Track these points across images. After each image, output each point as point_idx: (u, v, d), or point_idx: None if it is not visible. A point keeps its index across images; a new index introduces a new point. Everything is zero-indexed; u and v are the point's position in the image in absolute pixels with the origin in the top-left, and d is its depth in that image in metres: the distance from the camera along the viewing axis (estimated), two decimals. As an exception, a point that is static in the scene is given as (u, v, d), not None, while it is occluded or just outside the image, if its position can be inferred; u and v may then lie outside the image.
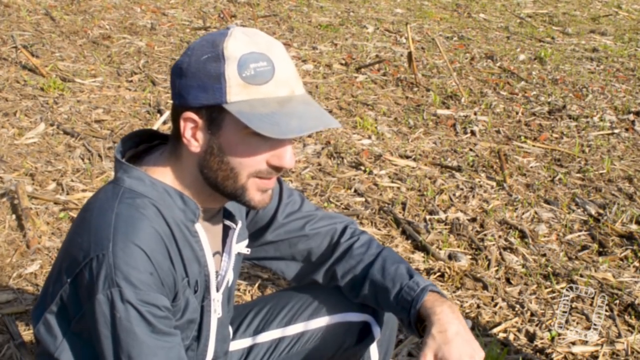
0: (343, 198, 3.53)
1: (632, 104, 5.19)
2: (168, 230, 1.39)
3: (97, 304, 1.31)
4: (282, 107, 1.33)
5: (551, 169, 4.02)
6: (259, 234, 1.73)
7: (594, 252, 3.18)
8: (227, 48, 1.32)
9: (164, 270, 1.36)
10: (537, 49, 6.50)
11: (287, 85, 1.35)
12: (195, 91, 1.33)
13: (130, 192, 1.38)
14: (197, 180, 1.42)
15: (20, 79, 4.76)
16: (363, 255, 1.72)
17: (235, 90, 1.31)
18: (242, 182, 1.40)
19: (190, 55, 1.35)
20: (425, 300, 1.59)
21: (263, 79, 1.32)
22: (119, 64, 5.25)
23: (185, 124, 1.36)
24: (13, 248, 2.93)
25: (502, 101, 5.11)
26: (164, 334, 1.35)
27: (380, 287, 1.68)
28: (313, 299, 1.80)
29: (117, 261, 1.30)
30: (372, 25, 6.96)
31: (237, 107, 1.31)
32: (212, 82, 1.32)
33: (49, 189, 3.42)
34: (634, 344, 2.58)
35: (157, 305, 1.34)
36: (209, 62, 1.32)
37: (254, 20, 6.61)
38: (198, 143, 1.37)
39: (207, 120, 1.35)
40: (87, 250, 1.32)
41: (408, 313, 1.61)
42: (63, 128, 4.08)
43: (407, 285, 1.63)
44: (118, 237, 1.32)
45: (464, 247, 3.16)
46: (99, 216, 1.36)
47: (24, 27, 5.93)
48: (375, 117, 4.65)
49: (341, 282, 1.75)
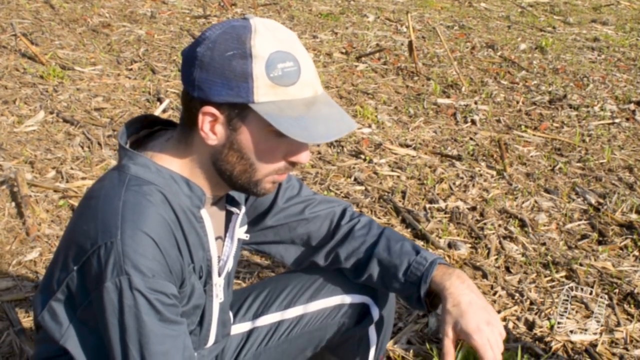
0: (343, 187, 3.52)
1: (633, 93, 5.17)
2: (174, 217, 1.38)
3: (105, 292, 1.31)
4: (309, 110, 1.34)
5: (551, 158, 4.02)
6: (259, 219, 1.73)
7: (593, 241, 3.18)
8: (255, 46, 1.30)
9: (171, 258, 1.36)
10: (538, 39, 6.48)
11: (311, 86, 1.36)
12: (218, 87, 1.31)
13: (136, 179, 1.38)
14: (208, 169, 1.42)
15: (20, 67, 4.75)
16: (366, 236, 1.74)
17: (263, 91, 1.31)
18: (259, 177, 1.41)
19: (212, 48, 1.32)
20: (434, 274, 1.63)
21: (290, 81, 1.32)
22: (119, 52, 5.24)
23: (204, 118, 1.35)
24: (13, 235, 2.93)
25: (502, 90, 5.10)
26: (171, 322, 1.35)
27: (387, 265, 1.70)
28: (312, 281, 1.81)
29: (125, 249, 1.29)
30: (372, 14, 6.94)
31: (265, 109, 1.31)
32: (239, 80, 1.30)
33: (48, 176, 3.42)
34: (633, 332, 2.58)
35: (166, 293, 1.34)
36: (234, 58, 1.30)
37: (254, 9, 6.59)
38: (216, 137, 1.37)
39: (228, 116, 1.34)
40: (95, 238, 1.32)
41: (418, 288, 1.64)
42: (63, 116, 4.07)
43: (415, 261, 1.66)
44: (126, 225, 1.31)
45: (464, 236, 3.16)
46: (106, 204, 1.35)
47: (24, 15, 5.91)
48: (376, 106, 4.64)
49: (345, 264, 1.76)
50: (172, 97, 4.47)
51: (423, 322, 2.55)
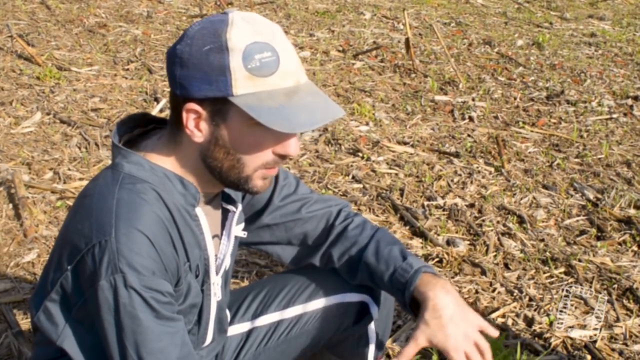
0: (341, 185, 3.52)
1: (631, 88, 5.17)
2: (169, 214, 1.38)
3: (100, 291, 1.30)
4: (290, 99, 1.32)
5: (549, 154, 4.02)
6: (256, 217, 1.73)
7: (592, 236, 3.18)
8: (231, 39, 1.29)
9: (166, 256, 1.36)
10: (535, 34, 6.48)
11: (292, 75, 1.34)
12: (198, 83, 1.31)
13: (130, 177, 1.37)
14: (198, 167, 1.42)
15: (16, 68, 4.74)
16: (357, 237, 1.73)
17: (242, 83, 1.30)
18: (248, 172, 1.40)
19: (190, 44, 1.32)
20: (418, 282, 1.60)
21: (269, 71, 1.31)
22: (115, 52, 5.23)
23: (187, 115, 1.35)
24: (10, 237, 2.93)
25: (500, 87, 5.09)
26: (167, 319, 1.35)
27: (374, 269, 1.69)
28: (310, 281, 1.80)
29: (120, 247, 1.29)
30: (369, 11, 6.93)
31: (244, 100, 1.30)
32: (217, 74, 1.30)
33: (45, 178, 3.41)
34: (632, 327, 2.58)
35: (161, 291, 1.34)
36: (211, 53, 1.30)
37: (250, 8, 6.58)
38: (201, 133, 1.36)
39: (211, 111, 1.34)
40: (89, 237, 1.31)
41: (403, 294, 1.62)
42: (59, 117, 4.06)
43: (401, 267, 1.64)
44: (120, 223, 1.31)
45: (462, 233, 3.16)
46: (100, 202, 1.35)
47: (20, 16, 5.89)
48: (373, 103, 4.63)
49: (338, 265, 1.75)
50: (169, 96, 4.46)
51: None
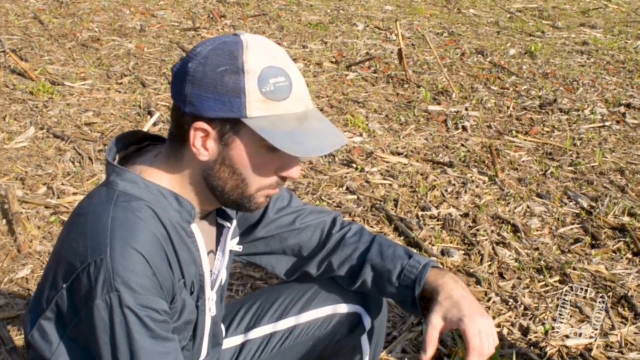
0: (335, 196, 3.52)
1: (623, 96, 5.19)
2: (165, 232, 1.38)
3: (95, 310, 1.30)
4: (301, 124, 1.35)
5: (543, 163, 4.02)
6: (250, 231, 1.73)
7: (586, 245, 3.19)
8: (248, 62, 1.31)
9: (162, 274, 1.35)
10: (528, 44, 6.51)
11: (302, 101, 1.37)
12: (210, 102, 1.32)
13: (125, 195, 1.37)
14: (198, 186, 1.42)
15: (10, 84, 4.74)
16: (358, 243, 1.74)
17: (255, 106, 1.31)
18: (252, 192, 1.41)
19: (204, 64, 1.32)
20: (428, 276, 1.63)
21: (282, 96, 1.33)
22: (109, 66, 5.23)
23: (195, 133, 1.35)
24: (4, 253, 2.92)
25: (493, 96, 5.11)
26: (162, 339, 1.35)
27: (380, 270, 1.70)
28: (303, 292, 1.81)
29: (115, 266, 1.29)
30: (362, 22, 6.96)
31: (258, 123, 1.31)
32: (231, 95, 1.31)
33: (39, 193, 3.40)
34: (628, 336, 2.58)
35: (157, 310, 1.33)
36: (227, 74, 1.31)
37: (243, 20, 6.60)
38: (208, 152, 1.37)
39: (220, 131, 1.35)
40: (84, 256, 1.31)
41: (412, 291, 1.64)
42: (53, 132, 4.06)
43: (409, 265, 1.67)
44: (116, 242, 1.30)
45: (457, 243, 3.16)
46: (95, 221, 1.34)
47: (13, 31, 5.90)
48: (367, 114, 4.64)
49: (338, 272, 1.76)
50: (162, 110, 4.47)
51: (418, 331, 2.54)
